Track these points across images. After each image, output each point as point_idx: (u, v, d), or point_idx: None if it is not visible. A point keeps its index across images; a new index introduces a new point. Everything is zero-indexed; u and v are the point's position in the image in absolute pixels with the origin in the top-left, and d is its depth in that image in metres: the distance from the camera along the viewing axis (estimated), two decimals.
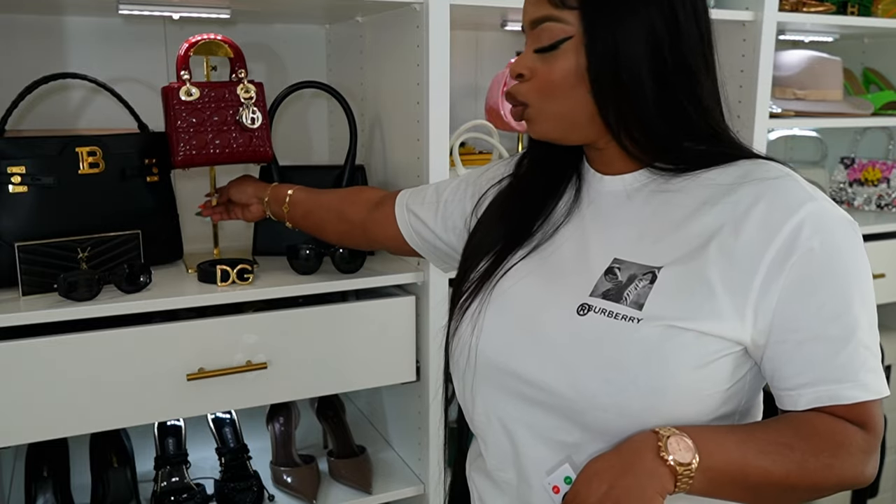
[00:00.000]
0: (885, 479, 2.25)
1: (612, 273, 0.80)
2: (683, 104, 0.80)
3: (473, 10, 1.36)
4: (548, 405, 0.80)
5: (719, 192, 0.79)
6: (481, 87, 1.86)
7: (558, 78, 0.80)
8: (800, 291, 0.73)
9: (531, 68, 0.82)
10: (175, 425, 1.50)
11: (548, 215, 0.91)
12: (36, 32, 1.48)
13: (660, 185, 0.84)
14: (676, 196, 0.82)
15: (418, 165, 1.34)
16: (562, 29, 0.79)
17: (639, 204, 0.84)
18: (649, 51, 0.78)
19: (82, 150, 1.23)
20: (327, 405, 1.62)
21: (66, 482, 1.40)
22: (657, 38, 0.78)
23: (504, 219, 0.94)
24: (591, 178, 0.90)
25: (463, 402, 0.91)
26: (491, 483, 0.89)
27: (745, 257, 0.74)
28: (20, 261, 1.14)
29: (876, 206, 2.13)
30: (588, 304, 0.79)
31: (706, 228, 0.77)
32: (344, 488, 1.45)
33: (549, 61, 0.81)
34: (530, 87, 0.83)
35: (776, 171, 0.78)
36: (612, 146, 0.84)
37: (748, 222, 0.75)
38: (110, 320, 1.15)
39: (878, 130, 2.20)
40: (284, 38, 1.68)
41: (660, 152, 0.82)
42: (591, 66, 0.79)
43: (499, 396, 0.84)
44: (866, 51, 2.22)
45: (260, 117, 1.31)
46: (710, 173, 0.81)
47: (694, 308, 0.74)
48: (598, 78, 0.79)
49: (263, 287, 1.24)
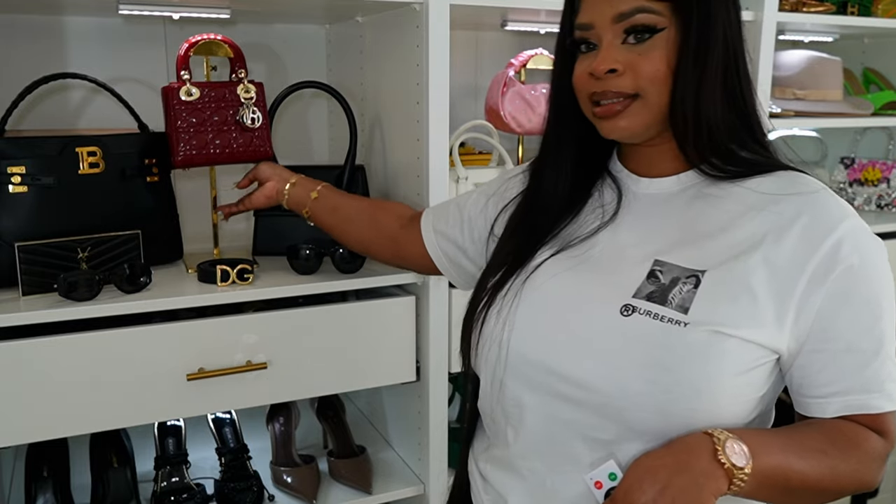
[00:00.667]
0: (886, 479, 2.24)
1: (654, 276, 0.81)
2: (747, 106, 0.83)
3: (473, 10, 1.36)
4: (584, 402, 0.80)
5: (762, 200, 0.81)
6: (481, 87, 1.86)
7: (661, 66, 0.80)
8: (838, 304, 0.76)
9: (623, 62, 0.81)
10: (175, 425, 1.50)
11: (575, 215, 0.91)
12: (36, 32, 1.48)
13: (701, 189, 0.85)
14: (719, 201, 0.83)
15: (418, 165, 1.34)
16: (656, 20, 0.79)
17: (679, 207, 0.85)
18: (726, 51, 0.81)
19: (82, 150, 1.23)
20: (327, 405, 1.62)
21: (66, 482, 1.40)
22: (734, 40, 0.81)
23: (529, 219, 0.94)
24: (627, 179, 0.91)
25: (489, 395, 0.91)
26: (511, 472, 0.89)
27: (787, 268, 0.77)
28: (20, 261, 1.14)
29: (876, 206, 2.13)
30: (632, 305, 0.80)
31: (750, 236, 0.79)
32: (344, 488, 1.45)
33: (644, 52, 0.80)
34: (633, 80, 0.81)
35: (814, 184, 0.81)
36: (666, 145, 0.85)
37: (790, 234, 0.78)
38: (110, 320, 1.15)
39: (878, 130, 2.20)
40: (284, 38, 1.68)
41: (716, 153, 0.83)
42: (679, 59, 0.79)
43: (535, 392, 0.84)
44: (866, 51, 2.22)
45: (260, 117, 1.31)
46: (752, 181, 0.83)
47: (738, 315, 0.76)
48: (684, 71, 0.79)
49: (263, 287, 1.24)
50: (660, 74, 0.80)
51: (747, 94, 0.83)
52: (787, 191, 0.80)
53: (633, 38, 0.80)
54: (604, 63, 0.81)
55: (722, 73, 0.81)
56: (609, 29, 0.81)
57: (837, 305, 0.76)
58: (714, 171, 0.84)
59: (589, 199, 0.92)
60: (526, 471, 0.87)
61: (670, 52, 0.80)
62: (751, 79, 0.85)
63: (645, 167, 0.89)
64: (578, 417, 0.81)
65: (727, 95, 0.82)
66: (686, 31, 0.79)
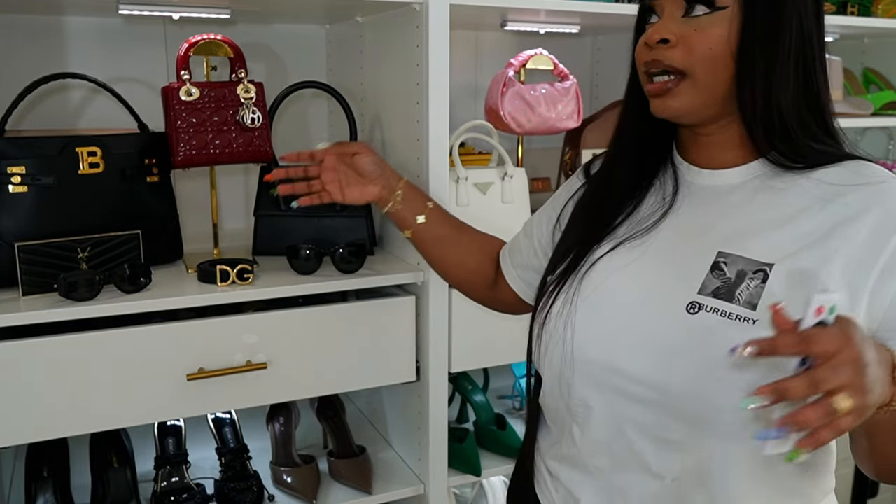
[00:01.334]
0: None
1: (718, 269, 0.79)
2: (820, 95, 0.81)
3: (473, 10, 1.36)
4: (652, 402, 0.79)
5: (829, 192, 0.79)
6: (481, 87, 1.86)
7: (714, 45, 0.78)
8: None
9: (678, 34, 0.80)
10: (175, 425, 1.50)
11: (634, 209, 0.90)
12: (36, 32, 1.48)
13: (765, 180, 0.83)
14: (783, 193, 0.81)
15: (418, 165, 1.34)
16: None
17: (741, 198, 0.83)
18: (800, 35, 0.79)
19: (82, 150, 1.23)
20: (327, 405, 1.62)
21: (66, 482, 1.40)
22: (808, 25, 0.79)
23: (587, 216, 0.93)
24: (686, 171, 0.89)
25: (554, 393, 0.90)
26: (580, 470, 0.88)
27: (859, 260, 0.75)
28: (20, 261, 1.14)
29: None
30: (698, 302, 0.78)
31: (818, 227, 0.77)
32: (344, 488, 1.45)
33: (701, 28, 0.79)
34: (685, 54, 0.79)
35: (882, 174, 0.79)
36: (729, 131, 0.84)
37: (861, 225, 0.75)
38: (110, 320, 1.15)
39: (878, 130, 2.20)
40: (284, 38, 1.68)
41: (784, 141, 0.81)
42: (744, 39, 0.78)
43: (601, 391, 0.83)
44: (866, 51, 2.22)
45: (260, 117, 1.31)
46: (818, 172, 0.81)
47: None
48: (749, 52, 0.78)
49: (263, 287, 1.24)
50: (713, 53, 0.78)
51: (822, 83, 0.81)
52: (853, 181, 0.78)
53: (694, 12, 0.79)
54: (658, 32, 0.80)
55: (794, 58, 0.79)
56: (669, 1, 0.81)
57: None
58: (783, 160, 0.81)
59: (651, 189, 0.90)
60: (595, 469, 0.86)
61: (732, 32, 0.78)
62: (826, 68, 0.82)
63: (705, 158, 0.87)
64: (646, 417, 0.80)
65: (800, 82, 0.80)
66: (752, 13, 0.77)
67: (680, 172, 0.90)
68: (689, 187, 0.88)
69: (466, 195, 1.47)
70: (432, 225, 1.14)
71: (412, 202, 1.14)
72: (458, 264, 1.15)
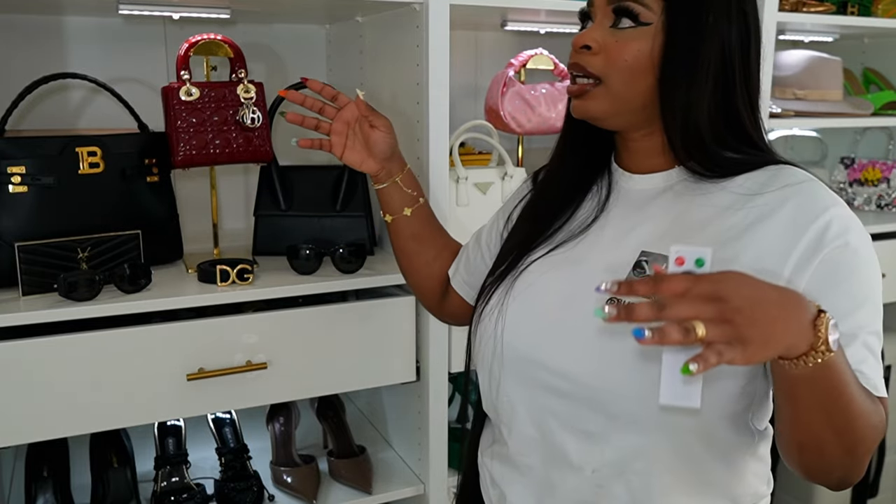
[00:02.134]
0: (885, 478, 2.25)
1: (640, 267, 0.82)
2: (739, 108, 0.83)
3: (473, 10, 1.36)
4: (571, 394, 0.82)
5: (748, 194, 0.82)
6: (481, 87, 1.86)
7: (632, 58, 0.81)
8: (823, 286, 0.76)
9: (601, 43, 0.83)
10: (175, 425, 1.50)
11: (572, 214, 0.93)
12: (36, 32, 1.48)
13: (687, 186, 0.86)
14: (705, 197, 0.84)
15: (418, 165, 1.34)
16: (643, 12, 0.81)
17: (666, 203, 0.86)
18: (721, 58, 0.81)
19: (82, 150, 1.23)
20: (327, 405, 1.62)
21: (66, 482, 1.40)
22: (730, 42, 0.82)
23: (528, 221, 0.96)
24: (620, 177, 0.92)
25: (487, 391, 0.93)
26: (510, 467, 0.91)
27: (774, 253, 0.77)
28: (20, 261, 1.14)
29: (876, 206, 2.13)
30: (618, 298, 0.79)
31: (736, 224, 0.80)
32: (344, 488, 1.45)
33: (623, 40, 0.82)
34: (604, 62, 0.83)
35: (802, 176, 0.82)
36: (653, 139, 0.87)
37: (776, 221, 0.78)
38: (110, 320, 1.15)
39: (878, 130, 2.20)
40: (284, 38, 1.68)
41: (701, 152, 0.83)
42: (665, 57, 0.80)
43: (525, 386, 0.86)
44: (866, 51, 2.22)
45: (260, 117, 1.31)
46: (739, 178, 0.83)
47: None
48: (670, 70, 0.81)
49: (263, 287, 1.24)
50: (629, 65, 0.81)
51: (743, 107, 0.83)
52: (773, 184, 0.81)
53: (620, 24, 0.82)
54: (582, 38, 0.84)
55: (713, 79, 0.81)
56: (603, 8, 0.84)
57: (823, 287, 0.76)
58: (699, 169, 0.85)
59: (589, 195, 0.94)
60: (524, 466, 0.89)
61: (655, 48, 0.81)
62: (755, 89, 0.85)
63: (635, 163, 0.91)
64: (566, 409, 0.83)
65: (718, 100, 0.82)
66: (674, 33, 0.80)
67: (615, 178, 0.93)
68: (621, 192, 0.91)
69: (466, 195, 1.47)
70: (414, 220, 1.12)
71: (404, 193, 1.11)
72: (425, 265, 1.14)
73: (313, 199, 1.46)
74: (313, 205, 1.45)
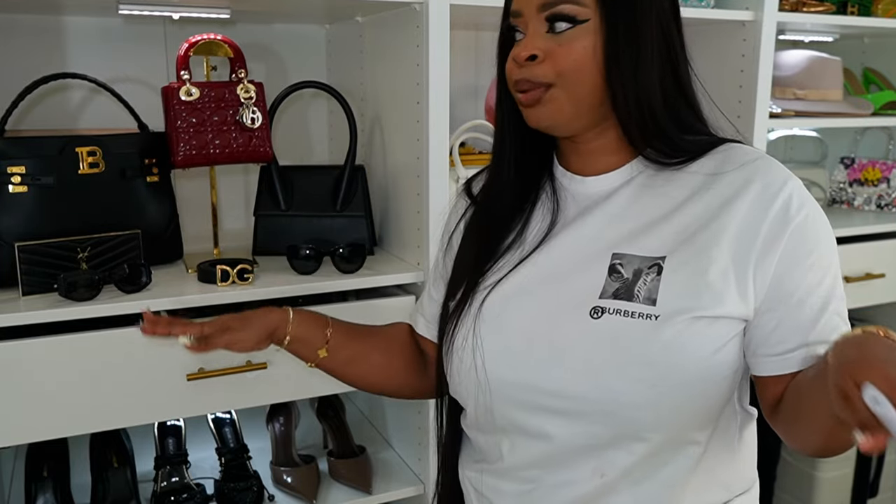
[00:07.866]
0: (885, 478, 2.25)
1: (616, 271, 0.81)
2: (685, 90, 0.85)
3: (473, 10, 1.36)
4: (574, 412, 0.80)
5: (706, 180, 0.82)
6: (481, 87, 1.86)
7: (579, 57, 0.80)
8: (792, 260, 0.78)
9: (544, 49, 0.81)
10: (175, 425, 1.50)
11: (523, 227, 0.90)
12: (36, 32, 1.48)
13: (644, 180, 0.85)
14: (665, 188, 0.84)
15: (418, 165, 1.34)
16: (578, 11, 0.80)
17: (626, 200, 0.85)
18: (661, 33, 0.82)
19: (82, 150, 1.23)
20: (327, 405, 1.62)
21: (66, 482, 1.41)
22: (666, 25, 0.82)
23: (477, 239, 0.93)
24: (570, 181, 0.90)
25: (474, 417, 0.89)
26: (507, 481, 0.88)
27: (743, 233, 0.78)
28: (20, 261, 1.14)
29: (876, 206, 2.13)
30: (601, 306, 0.79)
31: (704, 212, 0.80)
32: (344, 488, 1.45)
33: (566, 42, 0.81)
34: (552, 68, 0.81)
35: (753, 152, 0.84)
36: (605, 137, 0.86)
37: (742, 201, 0.79)
38: (110, 320, 1.15)
39: (878, 130, 2.20)
40: (284, 38, 1.68)
41: (658, 138, 0.83)
42: (608, 47, 0.80)
43: (520, 409, 0.83)
44: (866, 51, 2.22)
45: (260, 117, 1.31)
46: (693, 165, 0.84)
47: (704, 294, 0.77)
48: (615, 58, 0.80)
49: (263, 287, 1.24)
50: (579, 65, 0.80)
51: (684, 75, 0.85)
52: (729, 166, 0.82)
53: (557, 28, 0.81)
54: (525, 49, 0.82)
55: (659, 55, 0.82)
56: (535, 17, 0.83)
57: (792, 261, 0.77)
58: (659, 157, 0.84)
59: (538, 203, 0.91)
60: (521, 480, 0.86)
61: (597, 43, 0.80)
62: (689, 60, 0.86)
63: (586, 166, 0.88)
64: (571, 428, 0.80)
65: (668, 78, 0.83)
66: (612, 20, 0.80)
67: (562, 184, 0.91)
68: (573, 196, 0.89)
69: None
70: (336, 351, 0.99)
71: (306, 343, 0.97)
72: (381, 370, 1.02)
73: (313, 199, 1.46)
74: (313, 205, 1.45)
